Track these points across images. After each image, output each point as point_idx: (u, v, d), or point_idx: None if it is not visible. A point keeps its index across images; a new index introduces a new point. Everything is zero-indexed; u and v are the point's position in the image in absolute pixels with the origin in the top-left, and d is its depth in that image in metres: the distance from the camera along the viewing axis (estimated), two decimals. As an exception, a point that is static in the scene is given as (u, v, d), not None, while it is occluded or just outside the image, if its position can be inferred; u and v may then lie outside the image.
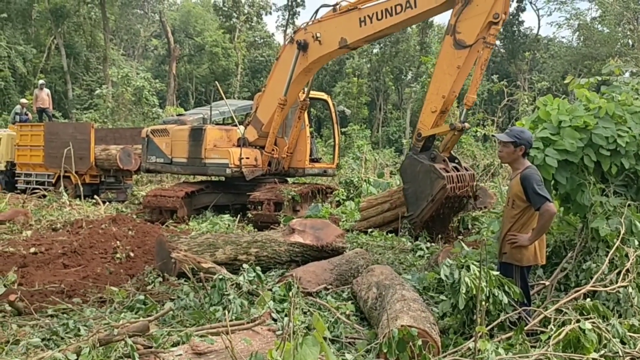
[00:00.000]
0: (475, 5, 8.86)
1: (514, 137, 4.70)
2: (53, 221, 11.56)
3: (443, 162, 9.37)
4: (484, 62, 9.05)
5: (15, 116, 20.57)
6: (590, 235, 5.31)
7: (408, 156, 9.84)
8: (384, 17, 9.96)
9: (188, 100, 51.13)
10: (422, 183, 9.24)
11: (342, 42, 10.70)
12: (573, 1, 30.48)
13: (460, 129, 9.50)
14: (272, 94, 12.42)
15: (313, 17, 11.44)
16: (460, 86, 9.73)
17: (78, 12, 41.38)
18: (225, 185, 13.82)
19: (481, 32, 8.89)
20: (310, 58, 11.39)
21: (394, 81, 48.36)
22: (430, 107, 9.46)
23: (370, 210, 10.77)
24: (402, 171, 9.75)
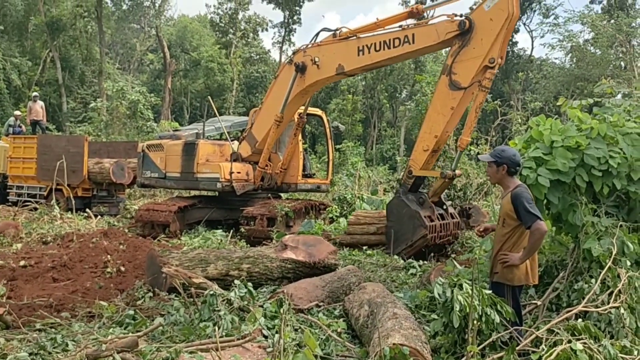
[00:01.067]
0: (472, 47, 8.88)
1: (495, 157, 4.75)
2: (44, 234, 11.49)
3: (429, 209, 9.48)
4: (478, 106, 9.04)
5: (8, 128, 20.50)
6: (582, 255, 5.31)
7: (396, 196, 9.89)
8: (382, 49, 9.99)
9: (183, 115, 51.19)
10: (405, 226, 9.38)
11: (339, 68, 10.72)
12: (566, 23, 30.75)
13: (451, 177, 9.52)
14: (268, 112, 12.42)
15: (313, 40, 11.44)
16: (454, 127, 9.82)
17: (74, 25, 41.52)
18: (218, 200, 13.78)
19: (477, 75, 8.91)
20: (307, 81, 11.39)
21: (388, 99, 48.61)
22: (422, 146, 9.51)
23: (357, 228, 10.85)
24: (388, 209, 9.84)
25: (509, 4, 8.54)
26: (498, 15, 8.63)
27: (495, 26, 8.65)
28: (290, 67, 11.63)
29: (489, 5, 8.77)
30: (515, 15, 8.64)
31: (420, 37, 9.57)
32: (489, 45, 8.71)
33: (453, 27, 9.07)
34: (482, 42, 8.79)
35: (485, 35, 8.75)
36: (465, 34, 8.94)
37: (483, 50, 8.75)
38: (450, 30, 9.12)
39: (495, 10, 8.67)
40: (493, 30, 8.67)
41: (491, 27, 8.69)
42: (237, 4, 49.85)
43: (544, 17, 42.04)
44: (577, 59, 31.95)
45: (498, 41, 8.67)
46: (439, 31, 9.31)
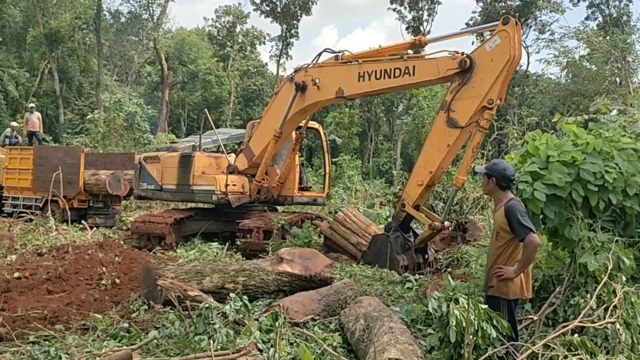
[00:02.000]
0: (471, 86, 8.87)
1: (487, 169, 4.83)
2: (39, 246, 11.42)
3: (410, 258, 9.58)
4: (475, 145, 9.02)
5: (5, 139, 20.46)
6: (578, 270, 5.32)
7: (385, 233, 9.87)
8: (382, 77, 10.02)
9: (180, 127, 51.25)
10: (381, 263, 9.42)
11: (339, 92, 10.72)
12: (562, 39, 30.94)
13: (439, 229, 9.60)
14: (267, 127, 12.42)
15: (315, 60, 11.42)
16: (449, 162, 9.84)
17: (72, 37, 41.67)
18: (214, 213, 13.77)
19: (475, 115, 8.88)
20: (307, 101, 11.40)
21: (385, 112, 48.82)
22: (417, 180, 9.51)
23: (341, 228, 10.89)
24: (373, 241, 9.89)
25: (511, 46, 8.51)
26: (499, 57, 8.61)
27: (496, 67, 8.63)
28: (291, 84, 11.63)
29: (490, 46, 8.74)
30: (517, 58, 8.63)
31: (421, 70, 9.60)
32: (488, 86, 8.69)
33: (454, 65, 9.06)
34: (481, 82, 8.77)
35: (486, 76, 8.74)
36: (465, 72, 8.92)
37: (482, 90, 8.73)
38: (450, 67, 9.12)
39: (497, 52, 8.64)
40: (493, 71, 8.65)
41: (492, 67, 8.67)
42: (235, 17, 50.18)
43: (540, 33, 42.39)
44: (572, 75, 32.16)
45: (498, 82, 8.65)
46: (439, 67, 9.32)
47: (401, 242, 9.62)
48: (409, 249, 9.64)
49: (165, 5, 41.95)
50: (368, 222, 11.27)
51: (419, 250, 10.04)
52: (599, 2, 42.76)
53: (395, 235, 9.59)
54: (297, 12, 49.40)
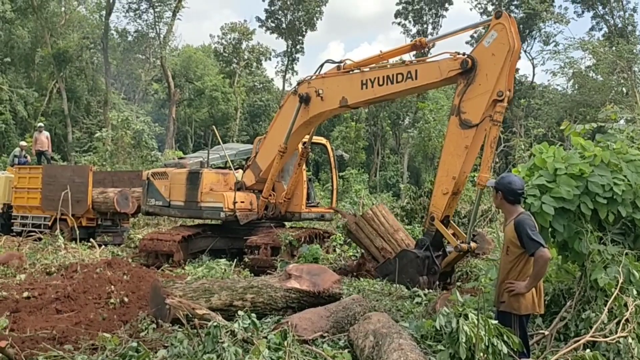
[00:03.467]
0: (478, 84, 8.82)
1: (495, 183, 4.83)
2: (48, 265, 11.45)
3: (432, 283, 9.15)
4: (493, 140, 8.80)
5: (14, 159, 20.63)
6: (589, 284, 5.27)
7: (414, 252, 9.35)
8: (385, 83, 9.97)
9: (187, 144, 51.48)
10: (400, 279, 9.16)
11: (342, 101, 10.70)
12: (567, 50, 30.97)
13: (465, 251, 9.15)
14: (272, 141, 12.46)
15: (318, 71, 11.47)
16: (471, 166, 9.49)
17: (80, 57, 42.11)
18: (221, 229, 13.75)
19: (487, 111, 8.76)
20: (311, 112, 11.42)
21: (391, 126, 48.86)
22: (441, 189, 9.22)
23: (367, 227, 10.59)
24: (401, 254, 9.54)
25: (509, 37, 8.53)
26: (499, 50, 8.61)
27: (499, 60, 8.61)
28: (295, 97, 11.68)
29: (488, 41, 8.76)
30: (517, 48, 8.61)
31: (423, 73, 9.57)
32: (494, 80, 8.64)
33: (455, 66, 9.03)
34: (487, 77, 8.73)
35: (490, 71, 8.70)
36: (468, 72, 8.89)
37: (490, 85, 8.68)
38: (452, 69, 9.09)
39: (496, 45, 8.65)
40: (496, 64, 8.63)
41: (494, 61, 8.66)
42: (241, 34, 50.55)
43: (545, 44, 42.50)
44: (579, 85, 32.11)
45: (503, 74, 8.61)
46: (441, 69, 9.29)
47: (429, 263, 9.20)
48: (435, 273, 9.24)
49: (171, 23, 42.34)
50: (397, 225, 10.92)
51: (445, 273, 9.65)
52: (604, 13, 42.87)
53: (425, 255, 9.18)
54: (302, 28, 49.74)
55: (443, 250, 9.49)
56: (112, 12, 41.55)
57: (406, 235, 10.77)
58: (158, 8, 42.52)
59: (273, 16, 49.63)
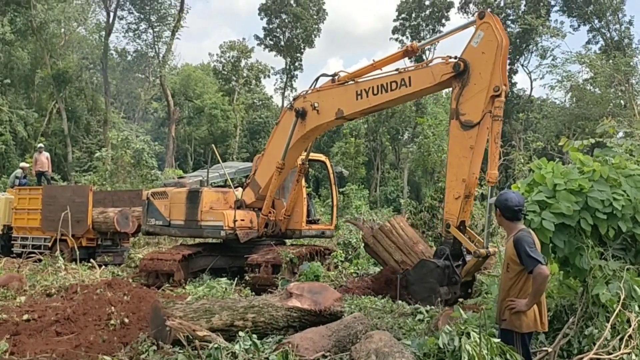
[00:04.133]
0: (473, 84, 8.89)
1: (495, 200, 4.85)
2: (48, 286, 11.40)
3: (452, 294, 9.00)
4: (496, 135, 8.81)
5: (15, 180, 20.63)
6: (590, 300, 5.24)
7: (436, 259, 9.18)
8: (379, 92, 10.05)
9: (187, 162, 51.58)
10: (419, 289, 9.05)
11: (338, 113, 10.78)
12: (564, 64, 31.13)
13: (485, 256, 8.92)
14: (270, 158, 12.51)
15: (313, 86, 11.56)
16: (479, 167, 9.36)
17: (80, 77, 42.32)
18: (222, 248, 13.72)
19: (486, 108, 8.80)
20: (308, 126, 11.48)
21: (390, 141, 48.97)
22: (452, 194, 9.11)
23: (386, 240, 10.44)
24: (421, 264, 9.33)
25: (495, 33, 8.68)
26: (488, 47, 8.75)
27: (489, 57, 8.73)
28: (291, 113, 11.76)
29: (476, 41, 8.90)
30: (505, 43, 8.72)
31: (417, 79, 9.65)
32: (488, 76, 8.73)
33: (448, 69, 9.14)
34: (481, 76, 8.83)
35: (482, 69, 8.81)
36: (461, 74, 8.99)
37: (485, 82, 8.77)
38: (445, 72, 9.19)
39: (485, 43, 8.79)
40: (488, 61, 8.74)
41: (485, 59, 8.77)
42: (240, 52, 50.89)
43: (542, 58, 42.72)
44: (576, 99, 32.25)
45: (496, 70, 8.70)
46: (434, 73, 9.39)
47: (449, 273, 9.01)
48: (456, 283, 9.05)
49: (170, 43, 42.62)
50: (416, 238, 10.77)
51: (465, 283, 9.47)
52: (600, 26, 43.15)
53: (444, 265, 8.99)
54: (300, 46, 50.08)
55: (463, 259, 9.30)
56: (111, 32, 41.91)
57: (426, 248, 10.61)
58: (157, 28, 42.87)
59: (271, 34, 50.03)
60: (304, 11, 48.37)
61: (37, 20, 37.21)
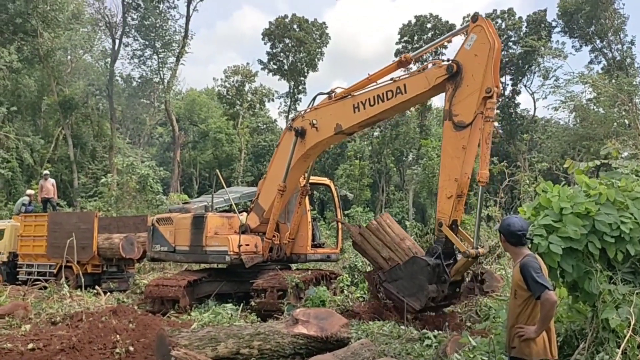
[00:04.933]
0: (465, 86, 9.01)
1: (499, 226, 4.82)
2: (53, 314, 11.36)
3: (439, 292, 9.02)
4: (487, 136, 8.89)
5: (21, 207, 20.69)
6: (600, 324, 5.17)
7: (427, 257, 9.19)
8: (376, 102, 10.20)
9: (192, 186, 51.71)
10: (407, 285, 9.11)
11: (337, 127, 10.91)
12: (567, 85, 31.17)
13: (474, 256, 8.92)
14: (272, 181, 12.55)
15: (310, 105, 11.73)
16: (471, 167, 9.47)
17: (86, 103, 42.71)
18: (227, 273, 13.67)
19: (478, 109, 8.91)
20: (307, 144, 11.59)
21: (395, 163, 49.01)
22: (445, 194, 9.18)
23: (372, 237, 10.43)
24: (411, 260, 9.37)
25: (488, 36, 8.78)
26: (481, 49, 8.85)
27: (482, 60, 8.82)
28: (290, 133, 11.88)
29: (469, 44, 9.01)
30: (497, 46, 8.82)
31: (412, 86, 9.76)
32: (481, 78, 8.81)
33: (442, 72, 9.25)
34: (473, 77, 8.92)
35: (475, 71, 8.90)
36: (455, 76, 9.09)
37: (477, 84, 8.85)
38: (439, 75, 9.30)
39: (477, 46, 8.90)
40: (480, 64, 8.83)
41: (478, 61, 8.87)
42: (244, 76, 51.33)
43: (544, 79, 42.88)
44: (580, 118, 32.25)
45: (488, 72, 8.78)
46: (428, 78, 9.50)
47: (439, 272, 9.00)
48: (445, 282, 9.06)
49: (175, 68, 43.02)
50: (403, 234, 10.73)
51: (454, 282, 9.46)
52: (602, 46, 43.39)
53: (435, 263, 8.96)
54: (303, 69, 50.48)
55: (454, 258, 9.30)
56: (117, 59, 42.51)
57: (413, 244, 10.56)
58: (162, 54, 43.36)
59: (275, 58, 50.46)
60: (307, 35, 48.85)
61: (44, 48, 37.70)
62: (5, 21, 36.54)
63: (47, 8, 36.97)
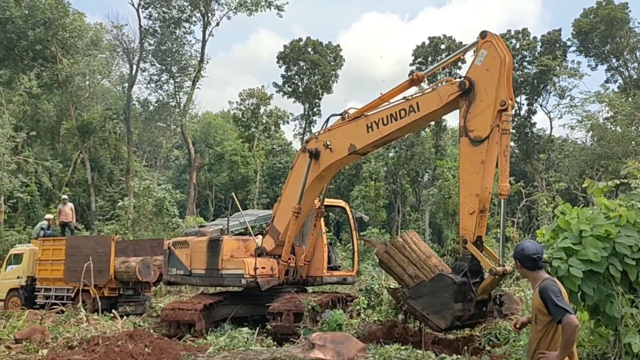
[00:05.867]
0: (479, 101, 9.01)
1: (513, 253, 4.74)
2: (70, 338, 11.38)
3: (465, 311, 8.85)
4: (505, 149, 8.85)
5: (40, 231, 20.89)
6: (623, 349, 5.05)
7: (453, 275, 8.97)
8: (389, 122, 10.22)
9: (208, 208, 51.93)
10: (431, 303, 8.96)
11: (351, 148, 10.94)
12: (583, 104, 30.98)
13: (501, 274, 8.70)
14: (287, 203, 12.55)
15: (324, 126, 11.80)
16: (492, 181, 9.37)
17: (104, 127, 43.32)
18: (243, 296, 13.62)
19: (494, 122, 8.90)
20: (322, 165, 11.62)
21: (410, 183, 48.86)
22: (467, 210, 9.06)
23: (399, 254, 10.18)
24: (438, 277, 9.17)
25: (498, 51, 8.82)
26: (492, 64, 8.88)
27: (494, 74, 8.85)
28: (305, 155, 11.92)
29: (480, 60, 9.05)
30: (508, 60, 8.87)
31: (424, 104, 9.78)
32: (494, 92, 8.82)
33: (454, 89, 9.27)
34: (486, 92, 8.93)
35: (488, 85, 8.91)
36: (467, 92, 9.11)
37: (491, 98, 8.86)
38: (452, 92, 9.32)
39: (488, 61, 8.93)
40: (492, 78, 8.85)
41: (490, 76, 8.89)
42: (259, 99, 51.71)
43: (560, 98, 42.68)
44: (598, 138, 31.99)
45: (501, 85, 8.80)
46: (441, 95, 9.53)
47: (465, 290, 8.81)
48: (471, 301, 8.85)
49: (191, 92, 43.53)
50: (429, 252, 10.53)
51: (481, 301, 9.18)
52: (618, 65, 43.16)
53: (461, 282, 8.78)
54: (318, 92, 50.79)
55: (481, 276, 9.06)
56: (134, 84, 43.12)
57: (440, 261, 10.35)
58: (178, 78, 43.91)
59: (290, 81, 50.84)
60: (321, 58, 49.21)
61: (63, 74, 38.47)
62: (25, 48, 37.40)
63: (66, 35, 37.84)
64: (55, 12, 36.42)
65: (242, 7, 42.04)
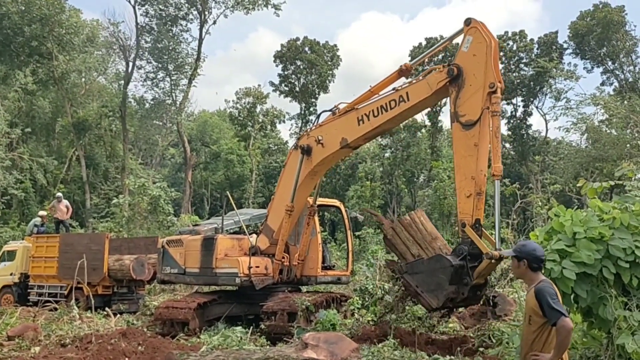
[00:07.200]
0: (468, 85, 9.10)
1: (516, 252, 4.68)
2: (62, 336, 11.32)
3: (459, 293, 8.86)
4: (496, 130, 8.96)
5: (34, 228, 20.82)
6: (616, 351, 5.06)
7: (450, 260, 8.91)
8: (380, 113, 10.31)
9: (203, 207, 51.83)
10: (427, 281, 9.07)
11: (343, 142, 11.02)
12: (578, 106, 30.99)
13: (497, 258, 8.54)
14: (280, 201, 12.56)
15: (315, 123, 11.89)
16: (486, 164, 9.33)
17: (99, 125, 43.18)
18: (237, 295, 13.60)
19: (484, 105, 8.98)
20: (314, 161, 11.69)
21: (406, 184, 48.86)
22: (464, 193, 9.08)
23: (403, 232, 10.15)
24: (437, 258, 9.22)
25: (484, 35, 8.93)
26: (479, 49, 8.98)
27: (481, 58, 8.94)
28: (297, 151, 11.99)
29: (466, 46, 9.16)
30: (494, 44, 8.95)
31: (414, 93, 9.86)
32: (482, 76, 8.91)
33: (442, 76, 9.36)
34: (475, 76, 9.02)
35: (476, 70, 9.00)
36: (456, 78, 9.19)
37: (480, 82, 8.95)
38: (440, 79, 9.40)
39: (475, 46, 9.04)
40: (480, 62, 8.95)
41: (477, 60, 8.99)
42: (255, 98, 51.63)
43: (556, 100, 42.75)
44: (593, 140, 32.04)
45: (489, 68, 8.88)
46: (430, 83, 9.61)
47: (462, 274, 8.81)
48: (466, 285, 8.82)
49: (187, 90, 43.46)
50: (435, 234, 10.42)
51: (477, 285, 9.13)
52: (614, 68, 43.27)
53: (459, 265, 8.78)
54: (315, 91, 50.75)
55: (481, 260, 8.91)
56: (130, 81, 42.96)
57: (444, 245, 10.30)
58: (174, 76, 43.79)
59: (286, 80, 50.77)
60: (318, 58, 49.16)
61: (58, 70, 38.32)
62: (21, 44, 37.23)
63: (62, 32, 37.69)
64: (51, 9, 36.24)
65: (239, 6, 41.93)
